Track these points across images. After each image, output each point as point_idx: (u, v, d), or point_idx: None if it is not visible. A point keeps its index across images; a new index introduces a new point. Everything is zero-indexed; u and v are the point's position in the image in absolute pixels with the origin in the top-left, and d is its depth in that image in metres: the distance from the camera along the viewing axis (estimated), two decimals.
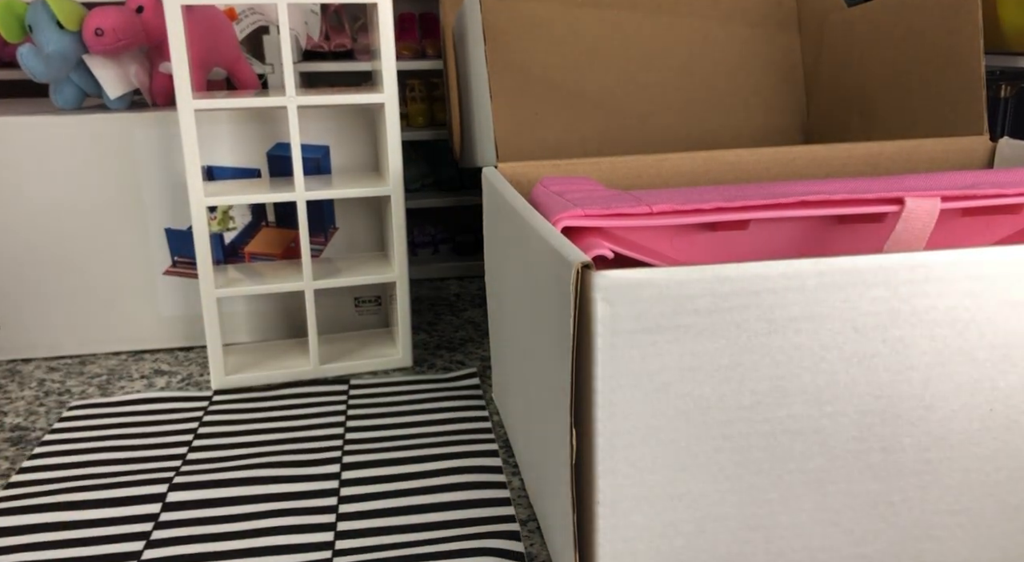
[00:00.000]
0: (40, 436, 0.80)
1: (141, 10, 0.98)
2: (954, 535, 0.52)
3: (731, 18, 1.07)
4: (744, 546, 0.50)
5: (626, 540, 0.48)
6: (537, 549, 0.61)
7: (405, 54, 1.42)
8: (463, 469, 0.72)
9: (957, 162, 0.81)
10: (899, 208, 0.56)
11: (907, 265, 0.45)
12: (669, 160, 0.79)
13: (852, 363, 0.47)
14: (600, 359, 0.44)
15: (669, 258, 0.59)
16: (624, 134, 1.04)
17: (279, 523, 0.64)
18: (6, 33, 0.98)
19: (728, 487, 0.48)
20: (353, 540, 0.62)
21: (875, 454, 0.49)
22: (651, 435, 0.46)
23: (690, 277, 0.44)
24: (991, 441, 0.50)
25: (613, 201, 0.57)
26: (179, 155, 0.96)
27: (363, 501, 0.67)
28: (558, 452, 0.50)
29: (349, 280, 0.94)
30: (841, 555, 0.51)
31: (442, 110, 1.49)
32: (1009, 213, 0.61)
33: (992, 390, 0.49)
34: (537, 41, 1.02)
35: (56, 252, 0.96)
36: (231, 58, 1.09)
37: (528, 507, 0.67)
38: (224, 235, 1.00)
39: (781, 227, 0.61)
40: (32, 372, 0.96)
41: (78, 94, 1.01)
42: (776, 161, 0.81)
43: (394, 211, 0.92)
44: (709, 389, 0.46)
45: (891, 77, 0.91)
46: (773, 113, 1.08)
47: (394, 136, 0.90)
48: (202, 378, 0.94)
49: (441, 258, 1.43)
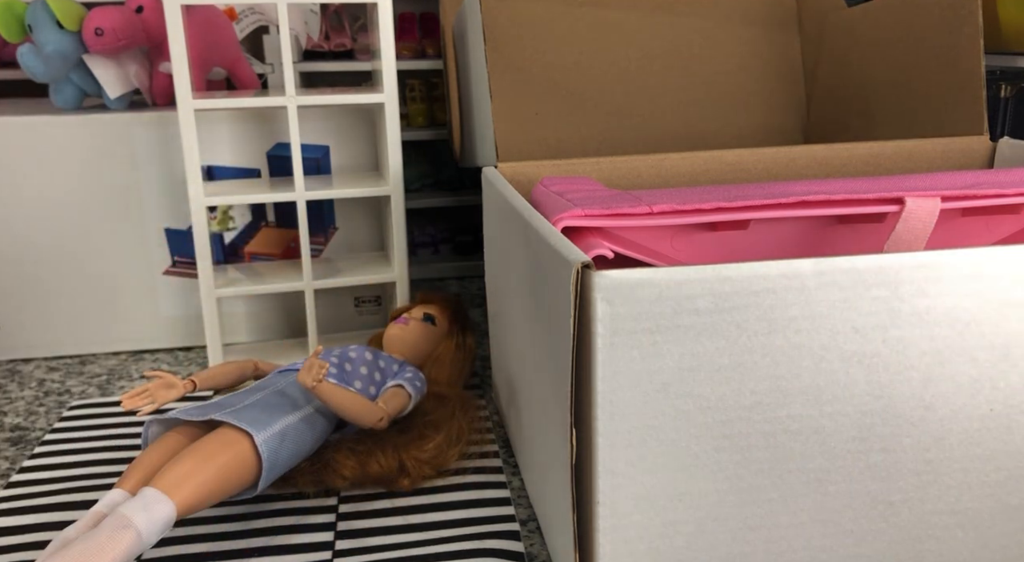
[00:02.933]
0: (40, 436, 0.80)
1: (141, 10, 0.98)
2: (954, 535, 0.52)
3: (731, 18, 1.07)
4: (744, 546, 0.50)
5: (626, 540, 0.48)
6: (537, 549, 0.61)
7: (405, 54, 1.42)
8: (463, 470, 0.72)
9: (957, 162, 0.81)
10: (899, 208, 0.56)
11: (907, 265, 0.45)
12: (669, 160, 0.79)
13: (852, 363, 0.47)
14: (600, 359, 0.44)
15: (669, 258, 0.59)
16: (624, 134, 1.04)
17: (278, 523, 0.64)
18: (6, 33, 0.98)
19: (728, 487, 0.48)
20: (353, 540, 0.62)
21: (875, 454, 0.49)
22: (651, 435, 0.46)
23: (690, 277, 0.44)
24: (991, 441, 0.50)
25: (613, 201, 0.57)
26: (179, 155, 0.96)
27: (363, 501, 0.67)
28: (558, 452, 0.50)
29: (349, 280, 0.94)
30: (841, 555, 0.51)
31: (442, 110, 1.49)
32: (1009, 213, 0.61)
33: (992, 390, 0.49)
34: (537, 41, 1.02)
35: (56, 252, 0.96)
36: (231, 58, 1.09)
37: (528, 507, 0.67)
38: (224, 235, 1.00)
39: (781, 227, 0.61)
40: (32, 372, 0.96)
41: (78, 94, 1.01)
42: (776, 161, 0.81)
43: (394, 211, 0.92)
44: (709, 389, 0.46)
45: (891, 77, 0.91)
46: (773, 113, 1.08)
47: (394, 136, 0.90)
48: None
49: (441, 258, 1.43)
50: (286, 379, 0.71)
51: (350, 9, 1.50)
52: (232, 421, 0.60)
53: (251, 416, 0.62)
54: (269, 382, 0.70)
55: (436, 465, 0.70)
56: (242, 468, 0.59)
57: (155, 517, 0.52)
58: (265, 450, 0.60)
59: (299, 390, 0.69)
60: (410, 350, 0.83)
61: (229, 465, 0.58)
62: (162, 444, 0.61)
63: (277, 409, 0.64)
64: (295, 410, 0.65)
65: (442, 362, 0.83)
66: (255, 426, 0.60)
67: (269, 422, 0.62)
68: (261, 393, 0.67)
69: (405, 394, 0.72)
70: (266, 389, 0.68)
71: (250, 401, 0.65)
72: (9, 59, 1.38)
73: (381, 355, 0.78)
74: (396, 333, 0.83)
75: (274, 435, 0.61)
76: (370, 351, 0.77)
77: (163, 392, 0.68)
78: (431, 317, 0.86)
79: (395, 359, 0.79)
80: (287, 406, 0.65)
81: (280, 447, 0.61)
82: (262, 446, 0.60)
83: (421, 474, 0.69)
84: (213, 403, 0.65)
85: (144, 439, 0.65)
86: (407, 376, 0.75)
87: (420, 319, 0.85)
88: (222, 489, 0.57)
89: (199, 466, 0.57)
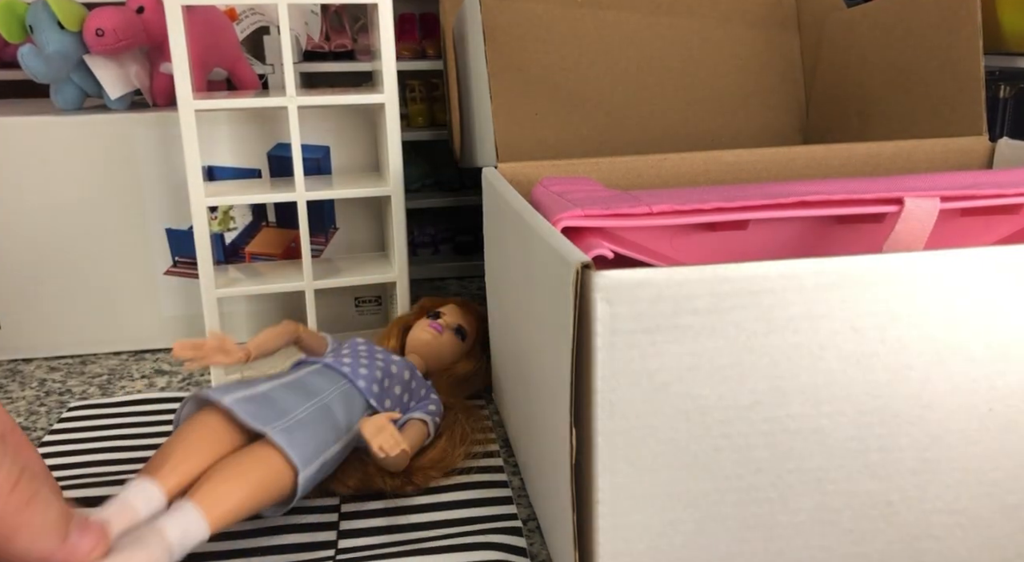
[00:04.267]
0: (41, 436, 0.80)
1: (142, 10, 0.98)
2: (953, 534, 0.52)
3: (730, 18, 1.07)
4: (743, 545, 0.50)
5: (626, 539, 0.48)
6: (537, 548, 0.62)
7: (405, 54, 1.43)
8: (466, 469, 0.72)
9: (956, 162, 0.81)
10: (898, 208, 0.56)
11: (906, 265, 0.46)
12: (669, 160, 0.80)
13: (851, 363, 0.47)
14: (600, 359, 0.44)
15: (669, 258, 0.59)
16: (624, 134, 1.04)
17: (280, 522, 0.64)
18: (7, 33, 0.98)
19: (727, 486, 0.48)
20: (356, 539, 0.62)
21: (873, 453, 0.49)
22: (650, 434, 0.46)
23: (689, 277, 0.44)
24: (990, 441, 0.50)
25: (613, 201, 0.57)
26: (180, 155, 0.96)
27: (365, 501, 0.67)
28: (558, 451, 0.50)
29: (349, 280, 0.94)
30: (839, 554, 0.51)
31: (442, 110, 1.49)
32: (1008, 213, 0.61)
33: (990, 390, 0.49)
34: (537, 41, 1.02)
35: (56, 252, 0.97)
36: (232, 58, 1.09)
37: (528, 506, 0.67)
38: (225, 235, 1.00)
39: (780, 227, 0.61)
40: (33, 372, 0.96)
41: (79, 94, 1.02)
42: (775, 161, 0.81)
43: (394, 211, 0.92)
44: (708, 389, 0.46)
45: (891, 77, 0.91)
46: (772, 113, 1.08)
47: (394, 136, 0.90)
48: (203, 378, 0.94)
49: (441, 258, 1.43)
50: (332, 386, 0.67)
51: (350, 10, 1.51)
52: (285, 448, 0.58)
53: (301, 443, 0.59)
54: (315, 385, 0.66)
55: (442, 468, 0.69)
56: (275, 495, 0.58)
57: (188, 542, 0.52)
58: (301, 488, 0.59)
59: (343, 409, 0.65)
60: (434, 359, 0.82)
61: (267, 493, 0.57)
62: (200, 429, 0.58)
63: (324, 435, 0.62)
64: (338, 437, 0.63)
65: (455, 378, 0.82)
66: (303, 461, 0.58)
67: (314, 457, 0.60)
68: (309, 404, 0.63)
69: (425, 432, 0.70)
70: (314, 398, 0.64)
71: (301, 415, 0.62)
72: (10, 60, 1.38)
73: (416, 375, 0.75)
74: (429, 340, 0.82)
75: (315, 470, 0.60)
76: (408, 369, 0.74)
77: (216, 355, 0.65)
78: (463, 331, 0.85)
79: (424, 382, 0.77)
80: (332, 432, 0.63)
81: (314, 478, 0.60)
82: (302, 484, 0.58)
83: (425, 477, 0.68)
84: (263, 396, 0.62)
85: (177, 418, 0.62)
86: (430, 409, 0.73)
87: (454, 330, 0.84)
88: (249, 514, 0.57)
89: (240, 488, 0.55)
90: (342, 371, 0.69)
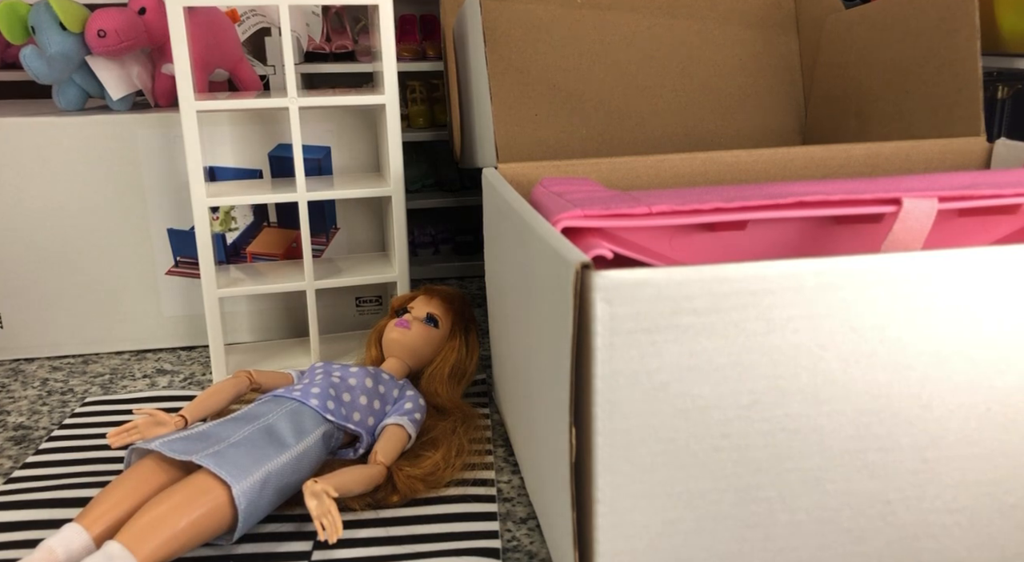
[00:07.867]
0: (43, 435, 0.80)
1: (143, 11, 0.98)
2: (951, 534, 0.52)
3: (729, 19, 1.07)
4: (743, 544, 0.50)
5: (626, 538, 0.49)
6: (537, 547, 0.62)
7: (406, 55, 1.43)
8: (455, 482, 0.71)
9: (954, 163, 0.82)
10: (896, 208, 0.56)
11: (904, 265, 0.46)
12: (668, 161, 0.80)
13: (850, 363, 0.47)
14: (600, 359, 0.44)
15: (668, 258, 0.60)
16: (624, 135, 1.05)
17: (261, 530, 0.64)
18: (9, 34, 0.98)
19: (726, 485, 0.49)
20: (330, 550, 0.62)
21: (872, 453, 0.49)
22: (650, 434, 0.47)
23: (689, 277, 0.44)
24: (988, 440, 0.50)
25: (613, 202, 0.58)
26: (181, 156, 0.96)
27: (343, 511, 0.66)
28: (558, 451, 0.50)
29: (350, 280, 0.94)
30: (839, 553, 0.52)
31: (443, 111, 1.49)
32: (1006, 213, 0.61)
33: (989, 389, 0.49)
34: (537, 42, 1.02)
35: (59, 252, 0.97)
36: (233, 59, 1.10)
37: (528, 505, 0.67)
38: (226, 235, 1.01)
39: (779, 227, 0.61)
40: (35, 372, 0.97)
41: (81, 95, 1.02)
42: (774, 162, 0.82)
43: (395, 211, 0.93)
44: (708, 388, 0.46)
45: (889, 78, 0.91)
46: (771, 114, 1.08)
47: (395, 137, 0.90)
48: (204, 377, 0.94)
49: (441, 258, 1.43)
50: (279, 408, 0.67)
51: (351, 11, 1.51)
52: (212, 467, 0.57)
53: (233, 460, 0.59)
54: (259, 411, 0.66)
55: (430, 484, 0.68)
56: (216, 519, 0.56)
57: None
58: (243, 502, 0.57)
59: (289, 425, 0.65)
60: (411, 355, 0.81)
61: (202, 517, 0.55)
62: (133, 476, 0.58)
63: (262, 451, 0.61)
64: (282, 451, 0.62)
65: (442, 371, 0.81)
66: (234, 475, 0.57)
67: (251, 469, 0.59)
68: (249, 428, 0.63)
69: (404, 435, 0.70)
70: (255, 422, 0.64)
71: (236, 438, 0.62)
72: (12, 61, 1.39)
73: (381, 378, 0.75)
74: (396, 338, 0.80)
75: (254, 484, 0.58)
76: (370, 376, 0.74)
77: (152, 429, 0.66)
78: (434, 318, 0.82)
79: (395, 381, 0.76)
80: (274, 447, 0.62)
81: (260, 495, 0.59)
82: (239, 498, 0.57)
83: (411, 489, 0.67)
84: (198, 433, 0.62)
85: (126, 467, 0.62)
86: (406, 408, 0.72)
87: (422, 320, 0.82)
88: (192, 542, 0.55)
89: (169, 518, 0.54)
90: (292, 397, 0.69)
